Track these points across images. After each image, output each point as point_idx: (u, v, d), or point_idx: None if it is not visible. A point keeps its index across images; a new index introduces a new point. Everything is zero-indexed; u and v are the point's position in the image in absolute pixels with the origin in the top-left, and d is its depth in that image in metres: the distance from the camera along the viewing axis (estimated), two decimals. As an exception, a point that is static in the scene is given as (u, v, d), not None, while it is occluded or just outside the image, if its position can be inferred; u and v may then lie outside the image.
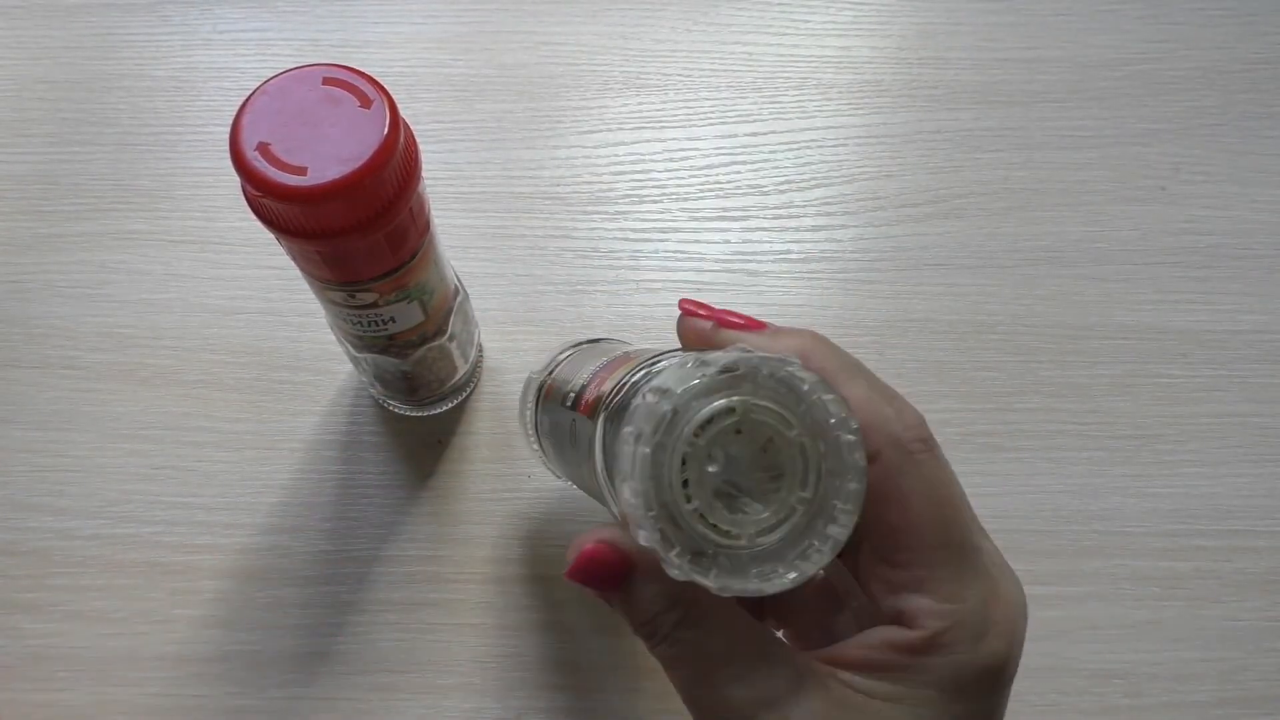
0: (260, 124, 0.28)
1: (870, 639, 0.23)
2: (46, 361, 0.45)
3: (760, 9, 0.55)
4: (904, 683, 0.22)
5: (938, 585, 0.22)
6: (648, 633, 0.23)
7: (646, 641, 0.23)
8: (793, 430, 0.20)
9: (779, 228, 0.48)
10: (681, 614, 0.23)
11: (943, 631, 0.22)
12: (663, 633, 0.23)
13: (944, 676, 0.22)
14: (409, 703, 0.38)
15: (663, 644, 0.23)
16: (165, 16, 0.54)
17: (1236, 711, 0.38)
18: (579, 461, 0.29)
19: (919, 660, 0.22)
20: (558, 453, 0.33)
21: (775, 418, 0.20)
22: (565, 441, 0.31)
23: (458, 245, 0.47)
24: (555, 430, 0.33)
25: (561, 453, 0.32)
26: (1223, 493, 0.42)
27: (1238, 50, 0.53)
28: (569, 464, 0.32)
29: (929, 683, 0.22)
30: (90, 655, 0.39)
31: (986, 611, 0.22)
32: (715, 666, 0.22)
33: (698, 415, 0.20)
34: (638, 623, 0.23)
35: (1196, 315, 0.46)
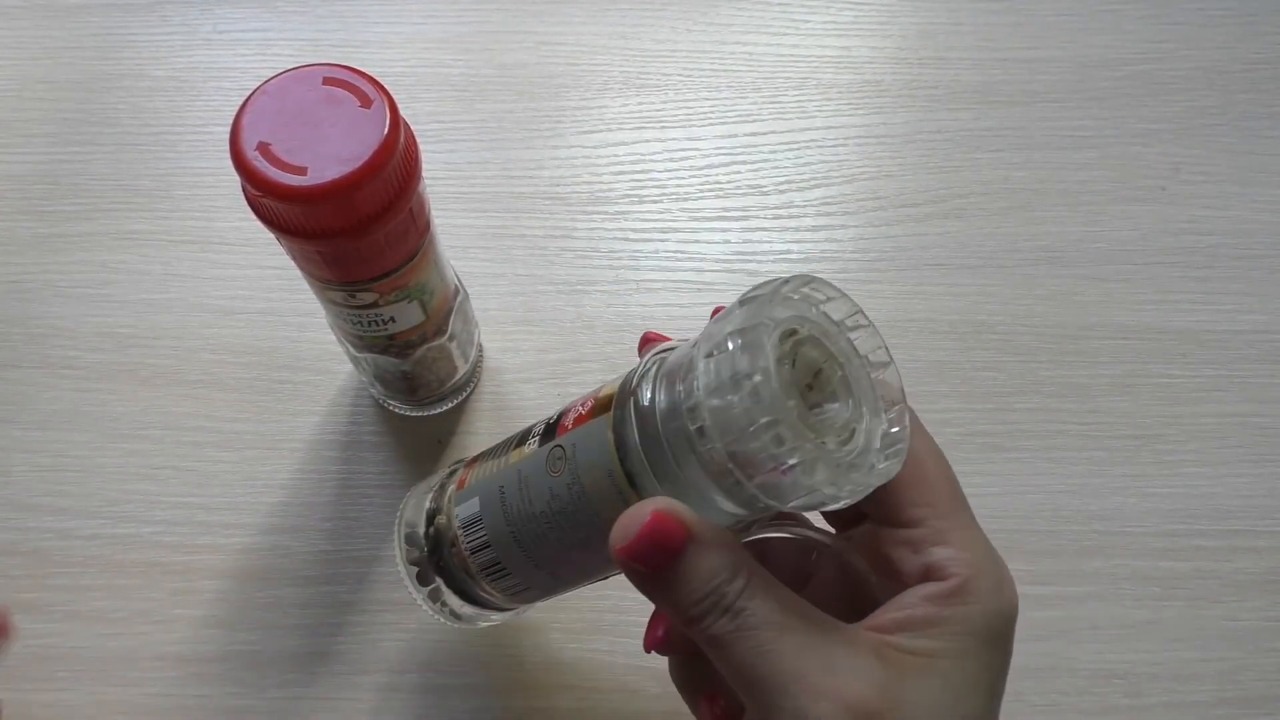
0: (260, 124, 0.28)
1: (906, 600, 0.23)
2: (46, 361, 0.45)
3: (760, 9, 0.55)
4: (944, 637, 0.23)
5: (956, 536, 0.24)
6: (709, 605, 0.22)
7: (703, 619, 0.22)
8: (842, 359, 0.23)
9: (779, 228, 0.48)
10: (745, 582, 0.22)
11: (971, 578, 0.23)
12: (726, 604, 0.22)
13: (978, 626, 0.23)
14: (409, 703, 0.38)
15: (724, 616, 0.22)
16: (165, 16, 0.54)
17: (1236, 711, 0.38)
18: (563, 490, 0.26)
19: (955, 610, 0.23)
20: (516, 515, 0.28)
21: (822, 350, 0.23)
22: (526, 487, 0.27)
23: (458, 245, 0.47)
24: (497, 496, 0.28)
25: (526, 501, 0.27)
26: (1223, 493, 0.42)
27: (1238, 50, 0.53)
28: (537, 508, 0.27)
29: (966, 632, 0.23)
30: (90, 655, 0.39)
31: (997, 561, 0.24)
32: (780, 635, 0.22)
33: (778, 328, 0.22)
34: (697, 597, 0.22)
35: (1196, 315, 0.46)
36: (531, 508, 0.27)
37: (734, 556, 0.22)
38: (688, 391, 0.22)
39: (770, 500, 0.22)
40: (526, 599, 0.31)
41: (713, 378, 0.22)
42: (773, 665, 0.22)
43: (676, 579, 0.22)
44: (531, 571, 0.28)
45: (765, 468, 0.21)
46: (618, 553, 0.22)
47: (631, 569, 0.23)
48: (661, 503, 0.22)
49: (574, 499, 0.26)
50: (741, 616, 0.22)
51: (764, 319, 0.22)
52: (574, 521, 0.26)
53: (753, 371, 0.21)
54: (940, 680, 0.22)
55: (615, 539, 0.23)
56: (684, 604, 0.22)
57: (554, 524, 0.26)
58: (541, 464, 0.27)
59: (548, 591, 0.30)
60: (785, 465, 0.21)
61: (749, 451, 0.21)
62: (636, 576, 0.23)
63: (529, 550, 0.28)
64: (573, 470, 0.26)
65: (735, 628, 0.22)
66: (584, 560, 0.27)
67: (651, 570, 0.22)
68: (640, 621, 0.40)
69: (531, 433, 0.28)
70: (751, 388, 0.21)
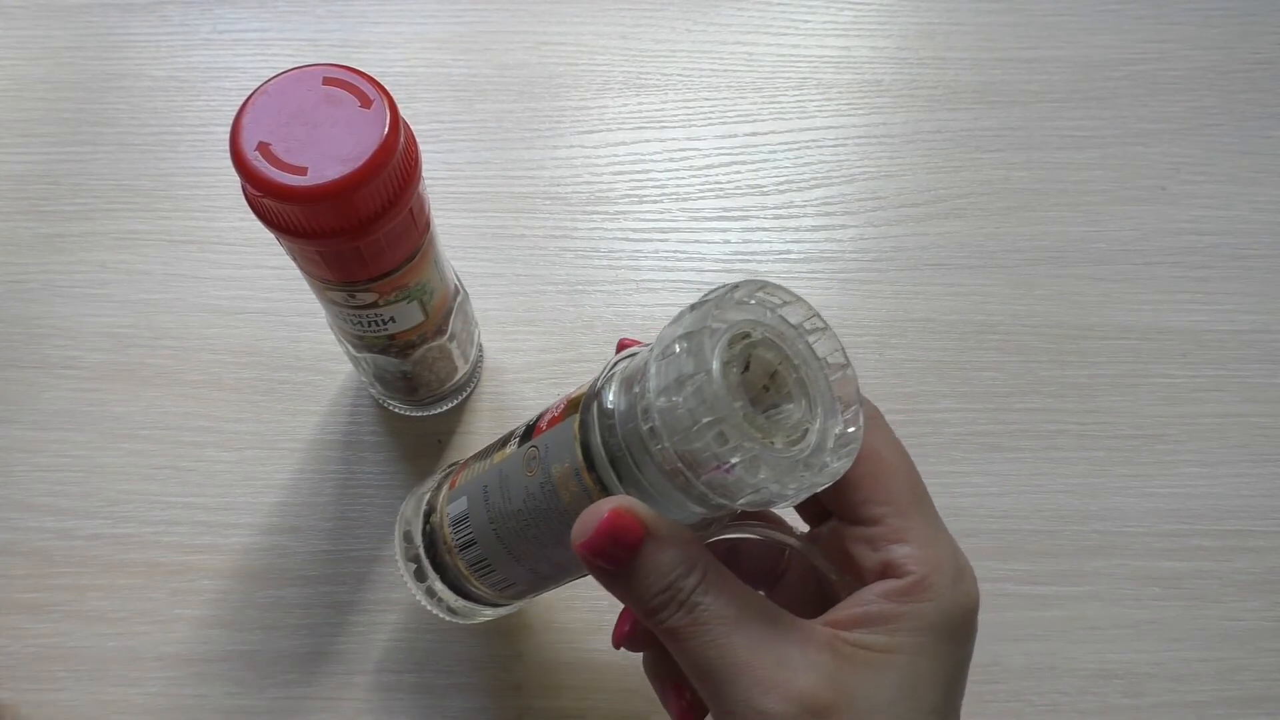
0: (260, 124, 0.28)
1: (863, 596, 0.24)
2: (47, 361, 0.45)
3: (760, 9, 0.55)
4: (899, 632, 0.23)
5: (915, 533, 0.24)
6: (665, 599, 0.23)
7: (659, 612, 0.23)
8: (797, 361, 0.24)
9: (779, 228, 0.48)
10: (700, 577, 0.23)
11: (927, 575, 0.23)
12: (681, 598, 0.23)
13: (934, 621, 0.23)
14: (409, 703, 0.38)
15: (679, 610, 0.23)
16: (165, 16, 0.54)
17: (1236, 711, 0.38)
18: (537, 489, 0.27)
19: (911, 606, 0.23)
20: (498, 509, 0.29)
21: (778, 352, 0.24)
22: (506, 486, 0.28)
23: (458, 245, 0.47)
24: (481, 495, 0.29)
25: (506, 499, 0.28)
26: (1223, 493, 0.42)
27: (1238, 50, 0.53)
28: (515, 506, 0.28)
29: (921, 628, 0.23)
30: (90, 655, 0.39)
31: (956, 556, 0.24)
32: (733, 629, 0.22)
33: (728, 332, 0.23)
34: (655, 590, 0.23)
35: (1196, 315, 0.46)
36: (510, 505, 0.28)
37: (689, 552, 0.23)
38: (641, 393, 0.23)
39: (719, 498, 0.23)
40: (514, 594, 0.32)
41: (661, 379, 0.22)
42: (725, 658, 0.22)
43: (634, 574, 0.23)
44: (514, 567, 0.29)
45: (709, 466, 0.22)
46: (578, 548, 0.23)
47: (592, 564, 0.23)
48: (619, 500, 0.23)
49: (546, 497, 0.26)
50: (696, 611, 0.23)
51: (709, 323, 0.22)
52: (548, 519, 0.27)
53: (696, 372, 0.22)
54: (894, 675, 0.22)
55: (575, 535, 0.23)
56: (643, 598, 0.23)
57: (530, 522, 0.27)
58: (519, 464, 0.28)
59: (532, 588, 0.31)
60: (728, 464, 0.22)
61: (694, 450, 0.22)
62: (597, 571, 0.23)
63: (510, 547, 0.28)
64: (544, 470, 0.26)
65: (690, 621, 0.23)
66: (560, 557, 0.28)
67: (610, 565, 0.23)
68: (640, 621, 0.40)
69: (514, 434, 0.29)
70: (695, 388, 0.22)
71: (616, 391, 0.25)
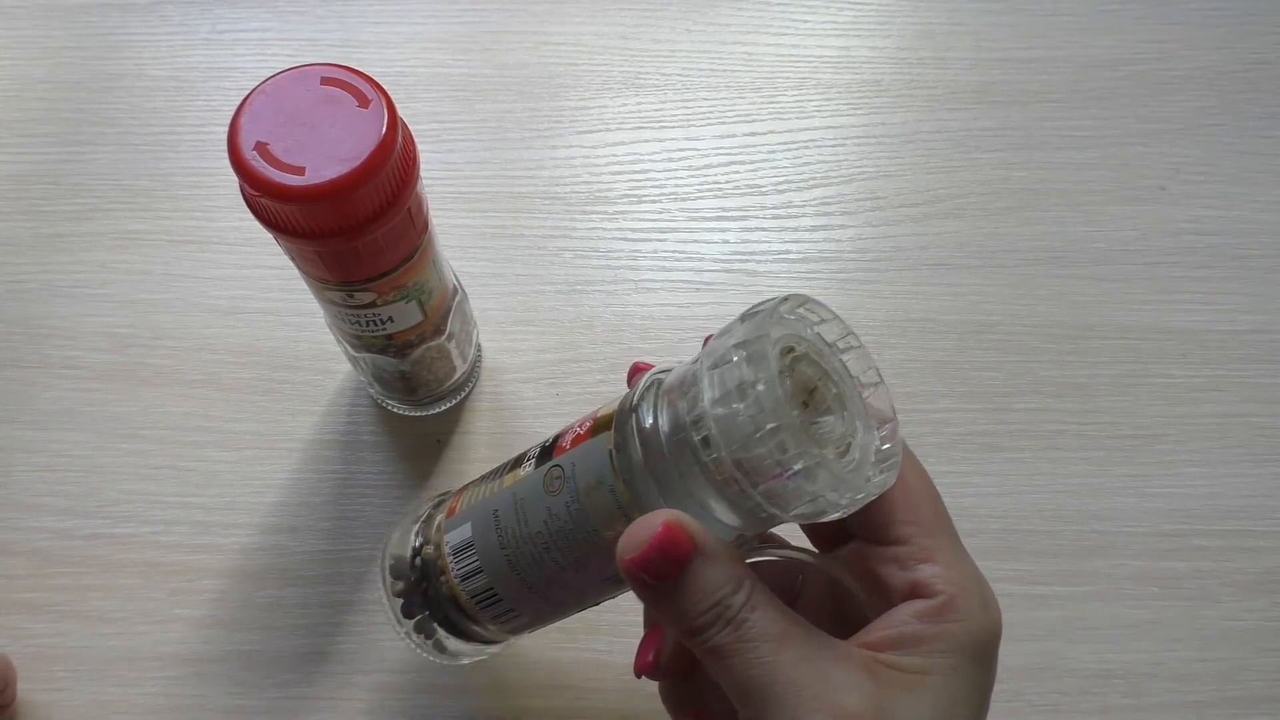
0: (259, 124, 0.28)
1: (894, 617, 0.24)
2: (46, 361, 0.45)
3: (760, 9, 0.55)
4: (932, 654, 0.23)
5: (942, 554, 0.24)
6: (713, 617, 0.22)
7: (706, 630, 0.22)
8: (835, 377, 0.24)
9: (778, 228, 0.48)
10: (747, 595, 0.23)
11: (956, 596, 0.24)
12: (729, 615, 0.22)
13: (965, 643, 0.23)
14: (409, 702, 0.38)
15: (726, 628, 0.22)
16: (165, 16, 0.54)
17: (1236, 711, 0.38)
18: (562, 509, 0.26)
19: (942, 627, 0.23)
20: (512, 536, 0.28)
21: (817, 368, 0.24)
22: (522, 509, 0.27)
23: (456, 245, 0.47)
24: (491, 520, 0.28)
25: (522, 523, 0.27)
26: (1223, 493, 0.42)
27: (1237, 50, 0.53)
28: (533, 529, 0.27)
29: (953, 649, 0.23)
30: (90, 655, 0.39)
31: (981, 581, 0.24)
32: (781, 647, 0.22)
33: (779, 345, 0.23)
34: (702, 607, 0.22)
35: (1196, 315, 0.46)
36: (528, 529, 0.27)
37: (738, 570, 0.23)
38: (692, 404, 0.23)
39: (773, 508, 0.22)
40: (516, 628, 0.31)
41: (718, 388, 0.22)
42: (773, 675, 0.22)
43: (682, 590, 0.22)
44: (524, 596, 0.28)
45: (770, 474, 0.22)
46: (626, 564, 0.23)
47: (639, 580, 0.23)
48: (670, 514, 0.23)
49: (572, 517, 0.26)
50: (744, 628, 0.22)
51: (766, 331, 0.22)
52: (572, 540, 0.26)
53: (757, 380, 0.22)
54: (930, 697, 0.23)
55: (624, 549, 0.23)
56: (689, 615, 0.23)
57: (551, 544, 0.27)
58: (539, 485, 0.27)
59: (538, 618, 0.30)
60: (790, 471, 0.21)
61: (754, 458, 0.22)
62: (642, 587, 0.23)
63: (523, 573, 0.28)
64: (572, 489, 0.26)
65: (737, 639, 0.22)
66: (579, 582, 0.27)
67: (658, 580, 0.23)
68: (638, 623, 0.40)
69: (526, 456, 0.29)
70: (756, 396, 0.21)
71: (656, 405, 0.25)
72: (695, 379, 0.23)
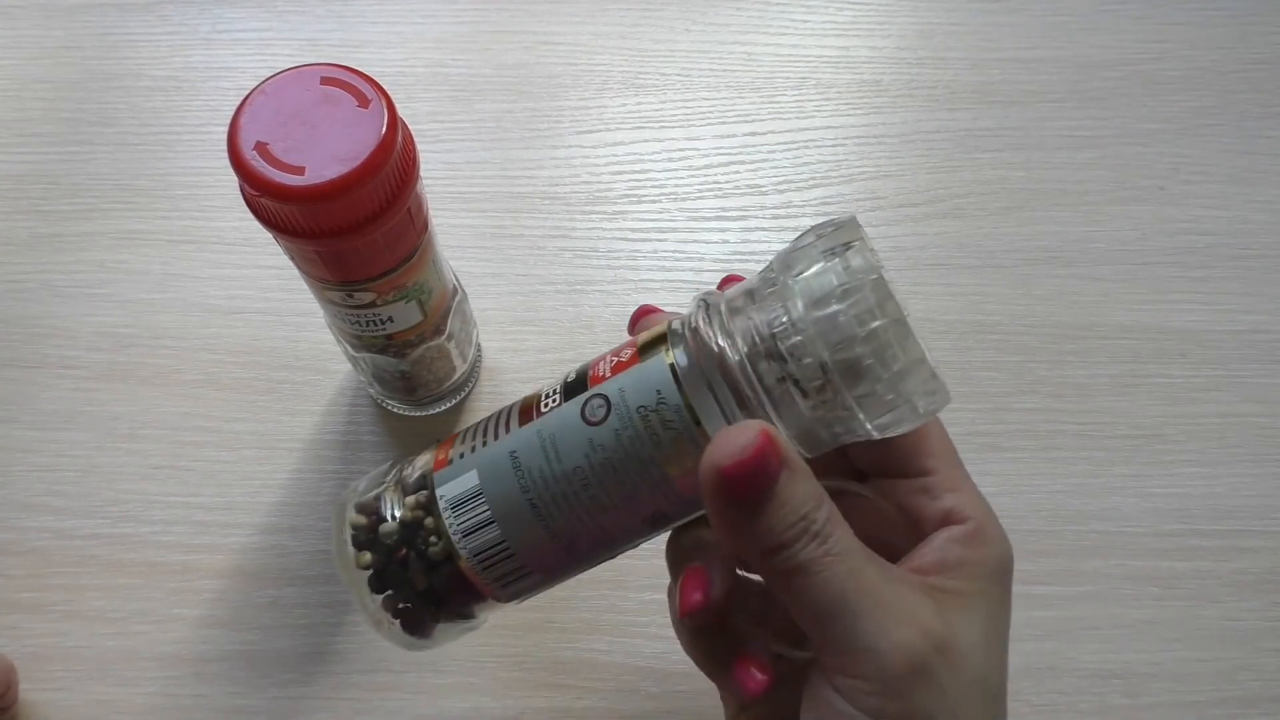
0: (258, 124, 0.28)
1: (934, 542, 0.25)
2: (46, 361, 0.45)
3: (760, 9, 0.55)
4: (971, 578, 0.24)
5: (965, 483, 0.26)
6: (798, 532, 0.22)
7: (792, 545, 0.22)
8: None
9: (777, 228, 0.48)
10: (829, 511, 0.23)
11: (983, 523, 0.25)
12: (814, 529, 0.22)
13: (995, 568, 0.25)
14: (409, 703, 0.38)
15: (813, 543, 0.22)
16: (165, 16, 0.54)
17: (1235, 711, 0.38)
18: (609, 439, 0.25)
19: (976, 551, 0.25)
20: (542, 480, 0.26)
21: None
22: (554, 446, 0.26)
23: (456, 245, 0.47)
24: (508, 462, 0.26)
25: (553, 460, 0.26)
26: (1222, 493, 0.42)
27: (1237, 50, 0.53)
28: (571, 464, 0.25)
29: (987, 574, 0.24)
30: (89, 655, 0.39)
31: (993, 512, 0.26)
32: (864, 562, 0.23)
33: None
34: (791, 521, 0.22)
35: (1195, 315, 0.46)
36: (560, 466, 0.25)
37: (818, 486, 0.23)
38: (773, 312, 0.23)
39: (860, 415, 0.23)
40: (518, 590, 0.28)
41: (811, 294, 0.23)
42: (861, 589, 0.22)
43: (771, 504, 0.22)
44: (542, 547, 0.26)
45: (870, 374, 0.22)
46: (725, 470, 0.22)
47: (728, 492, 0.22)
48: (763, 423, 0.22)
49: (623, 445, 0.25)
50: (829, 542, 0.22)
51: (859, 236, 0.23)
52: (621, 472, 0.25)
53: (859, 282, 0.22)
54: (978, 617, 0.24)
55: (719, 458, 0.22)
56: (774, 530, 0.22)
57: (591, 479, 0.25)
58: (575, 417, 0.25)
59: (548, 577, 0.28)
60: (892, 370, 0.22)
61: (855, 357, 0.22)
62: (727, 501, 0.22)
63: (548, 519, 0.26)
64: (622, 415, 0.25)
65: (825, 552, 0.22)
66: (617, 522, 0.26)
67: (749, 494, 0.22)
68: (638, 622, 0.40)
69: (543, 395, 0.27)
70: (859, 298, 0.22)
71: (723, 319, 0.24)
72: (774, 289, 0.23)
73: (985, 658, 0.23)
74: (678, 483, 0.25)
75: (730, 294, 0.25)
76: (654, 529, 0.27)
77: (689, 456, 0.24)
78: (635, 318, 0.30)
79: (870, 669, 0.22)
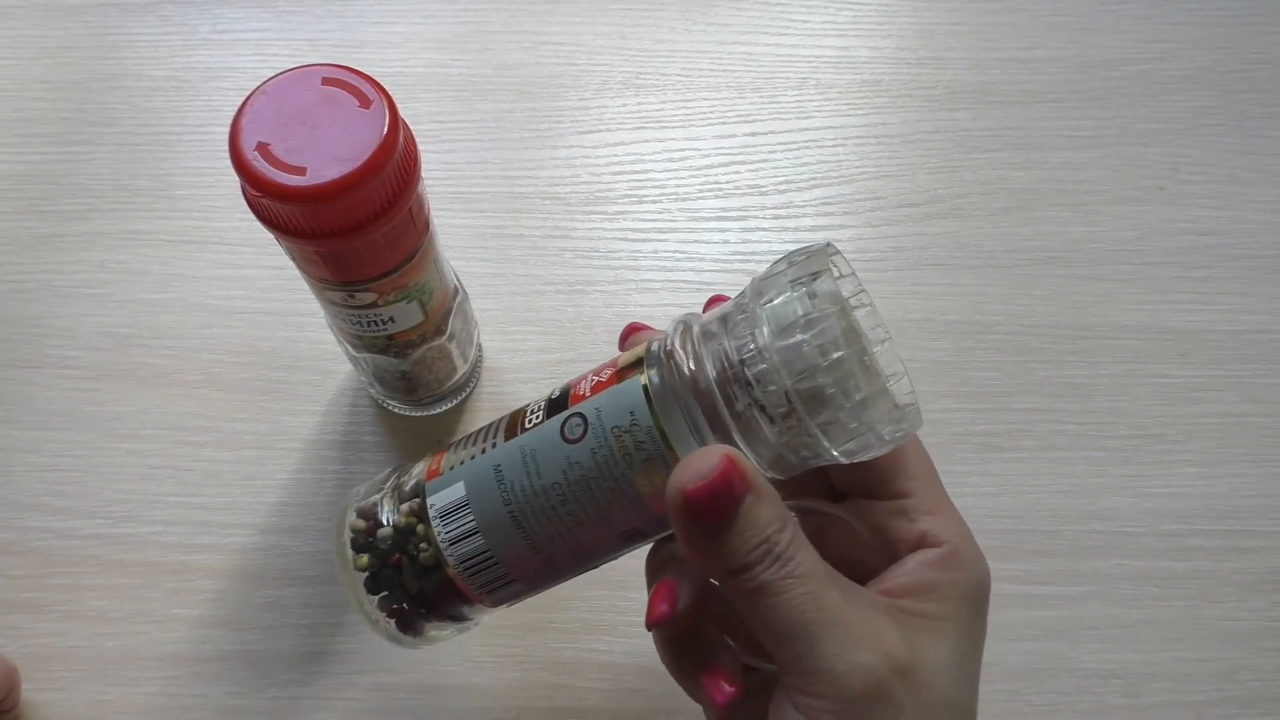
0: (260, 124, 0.28)
1: (907, 565, 0.25)
2: (46, 361, 0.45)
3: (760, 9, 0.55)
4: (943, 601, 0.24)
5: (942, 506, 0.26)
6: (761, 554, 0.23)
7: (753, 567, 0.23)
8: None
9: (778, 228, 0.48)
10: (792, 534, 0.23)
11: (959, 545, 0.25)
12: (776, 552, 0.23)
13: (968, 591, 0.25)
14: (409, 703, 0.38)
15: (775, 564, 0.23)
16: (165, 16, 0.54)
17: (1235, 711, 0.38)
18: (585, 457, 0.26)
19: (950, 575, 0.25)
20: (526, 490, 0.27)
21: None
22: (534, 461, 0.26)
23: (457, 245, 0.47)
24: (491, 476, 0.27)
25: (533, 475, 0.27)
26: (1222, 493, 0.42)
27: (1237, 50, 0.53)
28: (549, 480, 0.26)
29: (960, 597, 0.24)
30: (89, 655, 0.39)
31: (968, 531, 0.26)
32: (825, 585, 0.23)
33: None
34: (753, 544, 0.23)
35: (1196, 315, 0.46)
36: (540, 481, 0.26)
37: (783, 509, 0.23)
38: (743, 339, 0.24)
39: (825, 442, 0.23)
40: (503, 597, 0.29)
41: (778, 322, 0.23)
42: (821, 611, 0.22)
43: (734, 526, 0.23)
44: (524, 558, 0.27)
45: (832, 404, 0.22)
46: (689, 493, 0.22)
47: (692, 514, 0.23)
48: (727, 449, 0.23)
49: (598, 464, 0.25)
50: (790, 565, 0.23)
51: (827, 268, 0.23)
52: (595, 489, 0.26)
53: (824, 312, 0.23)
54: (948, 642, 0.24)
55: (685, 479, 0.23)
56: (737, 552, 0.23)
57: (569, 495, 0.26)
58: (555, 435, 0.26)
59: (531, 586, 0.29)
60: (853, 400, 0.22)
61: (817, 387, 0.23)
62: (692, 523, 0.23)
63: (528, 531, 0.27)
64: (598, 434, 0.25)
65: (785, 574, 0.23)
66: (592, 537, 0.27)
67: (713, 517, 0.23)
68: (639, 621, 0.40)
69: (528, 411, 0.28)
70: (823, 328, 0.23)
71: (695, 345, 0.25)
72: (745, 315, 0.24)
73: (953, 681, 0.23)
74: (649, 501, 0.26)
75: (706, 318, 0.26)
76: (629, 544, 0.27)
77: (660, 476, 0.25)
78: (625, 334, 0.31)
79: (829, 689, 0.22)
